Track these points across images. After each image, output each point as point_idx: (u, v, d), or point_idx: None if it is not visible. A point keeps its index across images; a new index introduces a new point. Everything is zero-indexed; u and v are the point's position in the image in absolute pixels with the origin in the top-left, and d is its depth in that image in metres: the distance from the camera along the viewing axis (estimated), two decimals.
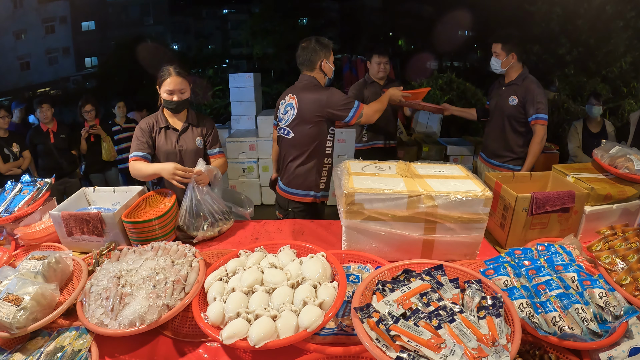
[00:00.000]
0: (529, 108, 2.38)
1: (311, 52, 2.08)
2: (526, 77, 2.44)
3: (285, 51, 10.18)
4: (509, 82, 2.49)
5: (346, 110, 2.03)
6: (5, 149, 3.44)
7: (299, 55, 2.12)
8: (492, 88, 2.72)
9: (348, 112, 2.03)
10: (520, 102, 2.41)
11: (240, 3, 13.95)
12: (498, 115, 2.56)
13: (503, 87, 2.53)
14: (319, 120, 2.05)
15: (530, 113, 2.38)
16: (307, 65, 2.11)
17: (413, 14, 11.93)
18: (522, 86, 2.42)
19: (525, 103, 2.39)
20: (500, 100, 2.53)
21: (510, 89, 2.47)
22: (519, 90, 2.42)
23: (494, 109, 2.61)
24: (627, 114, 4.64)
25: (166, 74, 1.85)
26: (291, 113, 2.12)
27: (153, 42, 10.76)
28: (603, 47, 5.65)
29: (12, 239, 1.70)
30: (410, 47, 12.39)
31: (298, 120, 2.09)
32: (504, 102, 2.49)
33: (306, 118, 2.06)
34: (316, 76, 2.12)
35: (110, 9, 13.53)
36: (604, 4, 5.47)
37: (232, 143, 4.77)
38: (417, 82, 6.93)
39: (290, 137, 2.15)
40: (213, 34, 14.62)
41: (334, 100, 2.02)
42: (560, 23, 6.04)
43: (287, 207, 2.22)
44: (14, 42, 11.55)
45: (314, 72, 2.12)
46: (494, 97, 2.63)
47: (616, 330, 0.98)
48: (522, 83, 2.43)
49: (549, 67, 6.23)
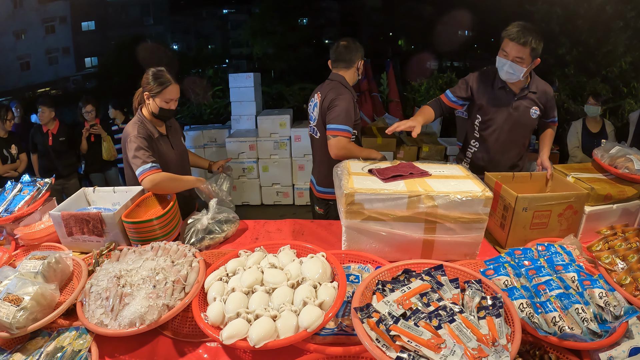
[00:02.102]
0: (549, 112, 2.08)
1: (353, 51, 2.09)
2: (537, 80, 2.02)
3: (285, 51, 10.17)
4: (523, 90, 1.98)
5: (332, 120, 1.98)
6: (5, 150, 3.44)
7: (340, 52, 2.10)
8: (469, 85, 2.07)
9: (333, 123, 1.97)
10: (541, 110, 2.03)
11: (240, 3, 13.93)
12: (507, 132, 2.03)
13: (515, 98, 1.98)
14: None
15: (551, 116, 2.10)
16: (346, 62, 2.10)
17: (413, 14, 11.92)
18: (539, 93, 2.00)
19: (547, 109, 2.06)
20: (514, 114, 1.99)
21: (527, 100, 1.99)
22: (537, 99, 2.00)
23: (500, 126, 2.02)
24: (627, 114, 4.64)
25: (167, 81, 1.78)
26: (316, 112, 2.14)
27: (153, 42, 10.75)
28: (603, 47, 5.64)
29: (12, 239, 1.70)
30: (410, 47, 12.37)
31: (321, 119, 2.10)
32: (520, 116, 2.00)
33: (324, 116, 2.06)
34: (347, 75, 2.12)
35: (110, 9, 13.51)
36: (604, 4, 5.46)
37: (232, 143, 4.77)
38: (417, 82, 6.93)
39: (317, 137, 2.17)
40: (213, 34, 14.60)
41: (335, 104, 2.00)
42: (560, 23, 6.03)
43: (327, 202, 2.26)
44: (14, 42, 11.54)
45: (349, 70, 2.12)
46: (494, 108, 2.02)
47: (616, 330, 0.98)
48: (538, 89, 2.00)
49: (549, 67, 6.23)
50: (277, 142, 4.74)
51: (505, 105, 2.00)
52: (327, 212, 2.27)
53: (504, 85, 1.98)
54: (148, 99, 1.82)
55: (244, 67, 11.77)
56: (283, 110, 5.37)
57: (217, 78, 8.03)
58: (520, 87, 1.98)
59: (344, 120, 1.97)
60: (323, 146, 2.09)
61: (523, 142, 2.11)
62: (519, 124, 2.02)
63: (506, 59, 1.85)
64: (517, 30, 1.80)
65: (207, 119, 6.83)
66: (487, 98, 2.03)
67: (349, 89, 2.09)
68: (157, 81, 1.79)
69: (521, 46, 1.80)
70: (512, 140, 2.06)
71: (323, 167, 2.18)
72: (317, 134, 2.17)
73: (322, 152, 2.12)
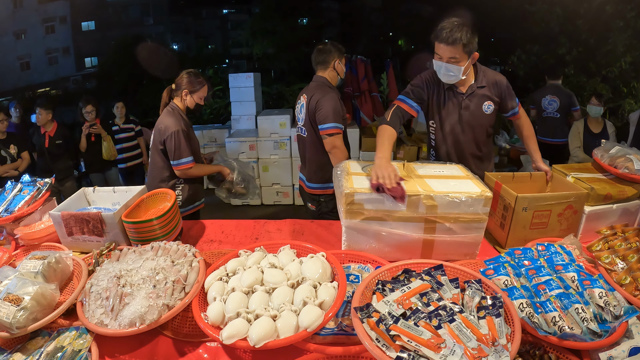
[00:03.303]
0: (507, 103, 1.92)
1: (326, 53, 2.24)
2: (484, 71, 1.89)
3: (285, 51, 10.18)
4: (470, 87, 1.86)
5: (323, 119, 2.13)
6: (2, 151, 3.43)
7: (315, 57, 2.28)
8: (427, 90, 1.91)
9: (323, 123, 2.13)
10: (496, 103, 1.90)
11: (240, 3, 13.96)
12: (461, 133, 1.93)
13: (463, 97, 1.87)
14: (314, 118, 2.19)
15: (510, 107, 1.93)
16: (322, 64, 2.27)
17: (413, 14, 11.93)
18: (489, 85, 1.88)
19: (502, 100, 1.91)
20: (465, 113, 1.89)
21: (477, 97, 1.87)
22: (488, 93, 1.88)
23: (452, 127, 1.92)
24: (627, 114, 4.64)
25: (204, 82, 2.16)
26: (304, 113, 2.28)
27: (153, 42, 10.77)
28: (603, 47, 5.64)
29: (12, 239, 1.70)
30: (410, 47, 12.39)
31: (308, 119, 2.23)
32: (472, 114, 1.89)
33: (312, 116, 2.19)
34: (328, 75, 2.27)
35: (110, 9, 13.52)
36: (604, 4, 5.46)
37: (232, 143, 4.77)
38: None
39: (305, 136, 2.31)
40: (213, 34, 14.63)
41: (322, 105, 2.13)
42: (560, 23, 6.03)
43: (318, 198, 2.36)
44: (14, 42, 11.55)
45: (327, 71, 2.27)
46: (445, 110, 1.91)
47: (616, 330, 0.98)
48: (488, 81, 1.88)
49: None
50: (277, 142, 4.74)
51: (455, 106, 1.90)
52: (319, 208, 2.37)
53: (451, 86, 1.87)
54: (186, 96, 2.15)
55: (244, 67, 11.79)
56: (283, 110, 5.37)
57: (217, 78, 8.03)
58: (468, 85, 1.87)
59: (334, 118, 2.12)
60: (311, 144, 2.27)
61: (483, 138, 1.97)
62: (473, 123, 1.91)
63: (441, 62, 1.75)
64: (445, 30, 1.70)
65: (207, 119, 6.83)
66: (436, 101, 1.93)
67: (332, 88, 2.25)
68: (197, 81, 2.14)
69: (451, 46, 1.70)
70: (469, 140, 1.94)
71: (312, 164, 2.32)
72: (304, 133, 2.31)
73: (311, 149, 2.28)
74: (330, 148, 2.15)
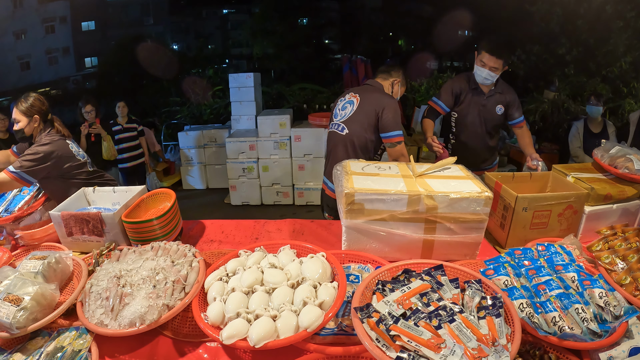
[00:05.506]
0: (513, 112, 2.47)
1: (393, 69, 2.27)
2: (502, 83, 2.46)
3: (285, 51, 10.18)
4: (491, 90, 2.45)
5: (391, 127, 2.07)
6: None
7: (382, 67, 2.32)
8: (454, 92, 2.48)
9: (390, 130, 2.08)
10: (505, 108, 2.46)
11: (240, 3, 13.94)
12: (479, 125, 2.50)
13: (485, 97, 2.45)
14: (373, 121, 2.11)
15: (516, 116, 2.48)
16: (384, 74, 2.28)
17: (413, 14, 11.94)
18: (504, 93, 2.45)
19: (509, 108, 2.46)
20: (483, 110, 2.47)
21: (494, 98, 2.45)
22: (502, 99, 2.45)
23: (473, 120, 2.50)
24: (627, 114, 4.64)
25: None
26: (349, 109, 2.19)
27: (153, 42, 10.76)
28: (603, 47, 5.64)
29: (12, 239, 1.70)
30: (410, 47, 12.40)
31: (355, 117, 2.16)
32: (488, 112, 2.46)
33: (363, 116, 2.13)
34: (384, 85, 2.25)
35: (110, 9, 13.50)
36: (604, 4, 5.46)
37: (232, 143, 4.77)
38: (418, 82, 6.93)
39: (343, 134, 2.19)
40: (213, 34, 14.61)
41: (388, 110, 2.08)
42: (560, 23, 6.04)
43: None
44: (14, 42, 11.53)
45: (385, 82, 2.26)
46: (468, 105, 2.48)
47: (616, 330, 0.98)
48: (503, 90, 2.46)
49: (549, 67, 6.24)
50: (277, 142, 4.74)
51: (477, 103, 2.46)
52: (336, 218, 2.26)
53: (477, 87, 2.45)
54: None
55: (244, 67, 11.79)
56: (283, 110, 5.37)
57: (217, 78, 8.04)
58: (490, 88, 2.45)
59: (398, 126, 2.11)
60: (346, 143, 2.16)
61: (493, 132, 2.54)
62: (488, 118, 2.48)
63: (484, 68, 2.32)
64: (494, 45, 2.25)
65: (207, 119, 6.83)
66: (463, 98, 2.48)
67: (390, 95, 2.23)
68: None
69: (497, 58, 2.26)
70: (483, 131, 2.51)
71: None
72: (343, 130, 2.19)
73: (344, 149, 2.17)
74: (398, 156, 2.10)
